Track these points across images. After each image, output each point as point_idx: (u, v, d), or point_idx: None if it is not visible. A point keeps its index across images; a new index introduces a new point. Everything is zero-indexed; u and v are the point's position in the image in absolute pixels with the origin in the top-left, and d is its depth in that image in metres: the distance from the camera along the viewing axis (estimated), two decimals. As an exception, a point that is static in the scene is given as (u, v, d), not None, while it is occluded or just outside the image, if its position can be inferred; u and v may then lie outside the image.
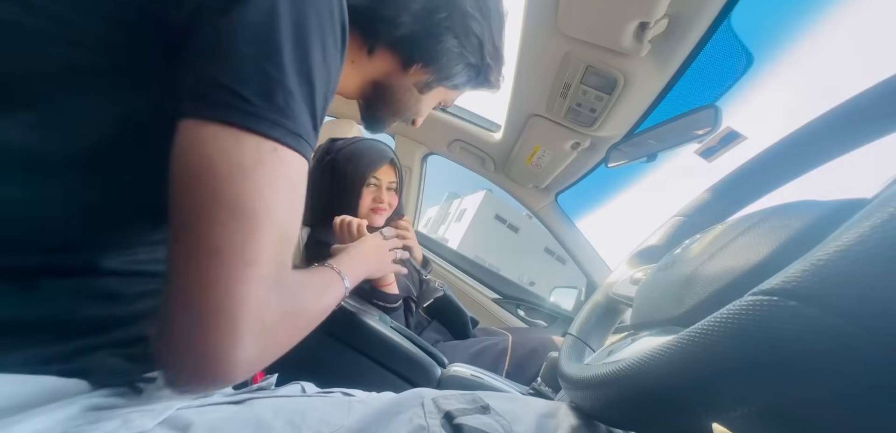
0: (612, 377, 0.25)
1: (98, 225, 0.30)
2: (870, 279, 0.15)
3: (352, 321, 0.74)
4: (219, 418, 0.31)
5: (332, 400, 0.36)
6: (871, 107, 0.32)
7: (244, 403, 0.34)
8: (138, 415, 0.29)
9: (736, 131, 0.79)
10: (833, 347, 0.15)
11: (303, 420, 0.31)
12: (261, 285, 0.26)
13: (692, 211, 0.47)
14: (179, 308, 0.26)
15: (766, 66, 22.70)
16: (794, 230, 0.25)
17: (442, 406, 0.33)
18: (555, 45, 0.82)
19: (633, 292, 0.42)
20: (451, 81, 0.50)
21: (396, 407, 0.33)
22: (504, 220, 23.25)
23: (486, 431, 0.30)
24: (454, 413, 0.32)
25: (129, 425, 0.28)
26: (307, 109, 0.29)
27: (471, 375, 0.71)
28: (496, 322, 1.60)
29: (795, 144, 0.38)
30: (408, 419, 0.31)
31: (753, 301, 0.18)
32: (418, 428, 0.30)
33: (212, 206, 0.25)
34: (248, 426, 0.30)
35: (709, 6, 0.65)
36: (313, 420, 0.31)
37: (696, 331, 0.20)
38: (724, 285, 0.26)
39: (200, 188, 0.26)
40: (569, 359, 0.43)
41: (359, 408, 0.34)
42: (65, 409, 0.27)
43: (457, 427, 0.30)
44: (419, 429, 0.30)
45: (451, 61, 0.48)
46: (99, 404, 0.29)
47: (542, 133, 1.12)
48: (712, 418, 0.24)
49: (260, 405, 0.34)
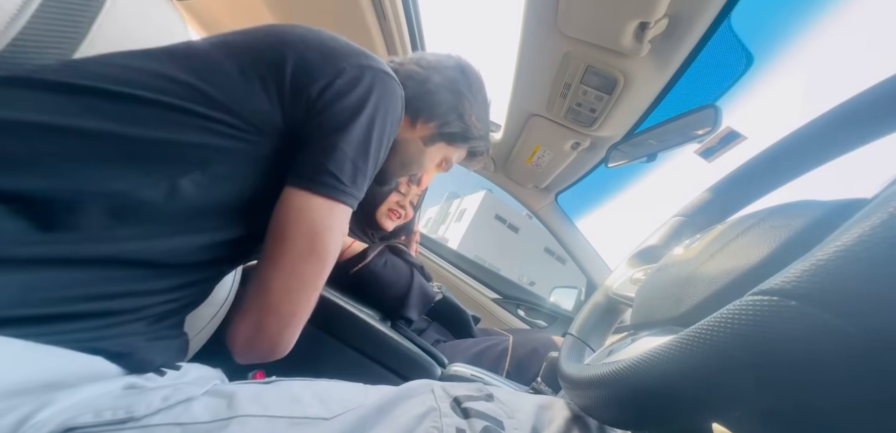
0: (611, 377, 0.25)
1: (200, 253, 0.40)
2: (870, 279, 0.15)
3: (352, 321, 0.74)
4: (256, 390, 0.34)
5: (350, 383, 0.39)
6: (870, 107, 0.32)
7: (274, 383, 0.37)
8: (186, 384, 0.34)
9: (736, 131, 0.79)
10: (833, 348, 0.15)
11: (329, 396, 0.34)
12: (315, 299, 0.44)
13: (692, 211, 0.47)
14: (266, 312, 0.41)
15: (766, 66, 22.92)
16: (795, 230, 0.25)
17: (451, 392, 0.36)
18: (555, 45, 0.82)
19: (633, 292, 0.42)
20: (448, 129, 0.63)
21: (410, 391, 0.35)
22: (504, 220, 23.24)
23: (491, 415, 0.33)
24: (462, 398, 0.35)
25: (180, 391, 0.32)
26: (368, 180, 0.45)
27: (470, 375, 0.71)
28: (496, 322, 1.60)
29: (795, 144, 0.38)
30: (420, 402, 0.34)
31: (753, 301, 0.18)
32: (430, 408, 0.33)
33: (307, 251, 0.41)
34: (284, 398, 0.33)
35: (709, 6, 0.65)
36: (337, 397, 0.34)
37: (695, 331, 0.20)
38: (723, 285, 0.26)
39: (301, 239, 0.40)
40: (568, 359, 0.43)
41: (374, 393, 0.36)
42: (108, 385, 0.32)
43: (465, 410, 0.33)
44: (431, 409, 0.33)
45: (448, 112, 0.61)
46: (135, 383, 0.33)
47: (543, 133, 1.12)
48: (712, 418, 0.24)
49: (289, 383, 0.37)
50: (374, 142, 0.44)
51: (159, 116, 0.37)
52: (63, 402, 0.28)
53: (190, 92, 0.38)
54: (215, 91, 0.39)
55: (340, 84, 0.42)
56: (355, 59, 0.44)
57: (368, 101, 0.43)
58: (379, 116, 0.44)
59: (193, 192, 0.37)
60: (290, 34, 0.44)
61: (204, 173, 0.37)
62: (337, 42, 0.46)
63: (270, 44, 0.43)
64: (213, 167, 0.38)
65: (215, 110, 0.38)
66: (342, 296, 0.77)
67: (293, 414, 0.31)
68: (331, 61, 0.43)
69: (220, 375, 0.44)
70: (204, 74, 0.39)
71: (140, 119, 0.36)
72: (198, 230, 0.39)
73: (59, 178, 0.33)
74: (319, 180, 0.40)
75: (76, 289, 0.32)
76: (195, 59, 0.41)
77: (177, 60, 0.40)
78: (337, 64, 0.43)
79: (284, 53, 0.42)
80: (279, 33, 0.44)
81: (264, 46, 0.42)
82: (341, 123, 0.41)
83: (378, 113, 0.44)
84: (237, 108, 0.39)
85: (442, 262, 1.78)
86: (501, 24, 37.41)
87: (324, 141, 0.41)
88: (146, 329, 0.37)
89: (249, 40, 0.44)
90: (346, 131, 0.41)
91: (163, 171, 0.36)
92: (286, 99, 0.41)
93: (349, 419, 0.31)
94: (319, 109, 0.41)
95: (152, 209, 0.36)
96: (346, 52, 0.45)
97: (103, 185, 0.34)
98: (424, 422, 0.31)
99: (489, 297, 1.67)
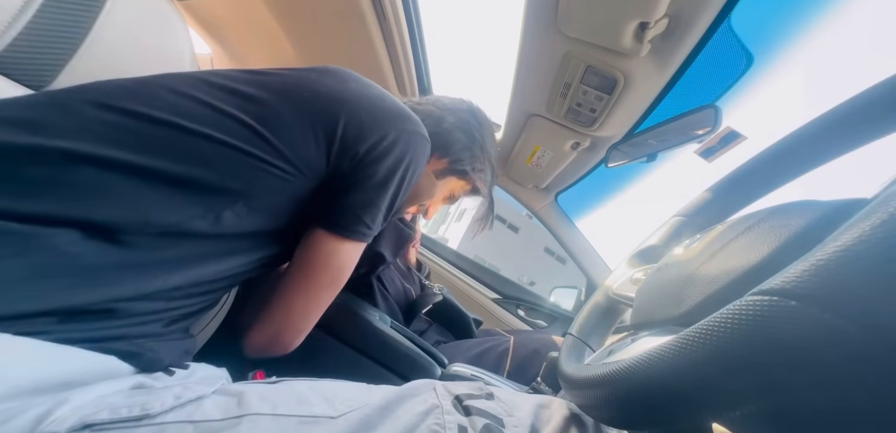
0: (611, 377, 0.25)
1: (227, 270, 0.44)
2: (870, 279, 0.15)
3: (352, 320, 0.74)
4: (264, 390, 0.35)
5: (353, 383, 0.40)
6: (870, 107, 0.32)
7: (279, 383, 0.38)
8: (194, 383, 0.34)
9: (736, 131, 0.79)
10: (833, 348, 0.15)
11: (334, 395, 0.35)
12: None
13: (692, 211, 0.47)
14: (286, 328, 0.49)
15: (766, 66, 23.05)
16: (794, 230, 0.25)
17: (452, 390, 0.37)
18: (555, 45, 0.82)
19: (633, 292, 0.42)
20: (460, 165, 0.68)
21: (412, 390, 0.36)
22: (504, 220, 23.23)
23: (492, 412, 0.33)
24: (463, 396, 0.35)
25: (189, 390, 0.32)
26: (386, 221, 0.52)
27: (470, 375, 0.71)
28: (496, 322, 1.60)
29: (795, 144, 0.38)
30: (423, 400, 0.34)
31: (753, 301, 0.18)
32: (433, 407, 0.33)
33: (329, 283, 0.50)
34: (291, 397, 0.34)
35: (709, 6, 0.65)
36: (342, 396, 0.35)
37: (695, 331, 0.20)
38: (723, 285, 0.26)
39: (327, 275, 0.49)
40: (568, 359, 0.43)
41: (378, 392, 0.36)
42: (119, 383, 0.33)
43: (466, 408, 0.34)
44: (433, 407, 0.33)
45: (461, 150, 0.67)
46: (143, 383, 0.34)
47: (542, 133, 1.12)
48: (712, 419, 0.24)
49: (295, 383, 0.38)
50: (402, 193, 0.51)
51: (226, 157, 0.40)
52: (79, 399, 0.29)
53: (253, 137, 0.42)
54: (276, 140, 0.43)
55: (384, 146, 0.48)
56: (400, 124, 0.50)
57: (403, 162, 0.49)
58: (409, 173, 0.51)
59: (233, 222, 0.41)
60: (345, 94, 0.49)
61: (247, 205, 0.42)
62: (385, 103, 0.51)
63: (328, 101, 0.47)
64: (256, 200, 0.42)
65: (273, 156, 0.43)
66: (342, 297, 0.77)
67: (301, 412, 0.32)
68: (378, 124, 0.48)
69: (225, 375, 0.45)
70: (266, 121, 0.43)
71: (209, 160, 0.40)
72: (229, 253, 0.43)
73: (128, 211, 0.35)
74: (353, 229, 0.48)
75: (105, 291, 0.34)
76: (259, 104, 0.45)
77: (244, 102, 0.44)
78: (384, 128, 0.48)
79: (339, 113, 0.46)
80: (337, 93, 0.49)
81: (323, 104, 0.47)
82: (379, 182, 0.48)
83: (409, 170, 0.50)
84: (291, 155, 0.44)
85: (442, 262, 1.78)
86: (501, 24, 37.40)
87: (361, 194, 0.47)
88: (160, 331, 0.39)
89: (310, 94, 0.47)
90: (383, 188, 0.48)
91: (215, 204, 0.40)
92: (334, 152, 0.46)
93: (354, 417, 0.32)
94: (364, 166, 0.47)
95: (197, 236, 0.39)
96: (391, 117, 0.50)
97: (163, 217, 0.37)
98: (427, 419, 0.32)
99: (489, 298, 1.67)
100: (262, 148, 0.42)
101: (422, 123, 0.54)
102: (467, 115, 0.69)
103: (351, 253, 0.50)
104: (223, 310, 0.63)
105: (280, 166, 0.43)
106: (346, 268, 0.50)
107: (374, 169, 0.47)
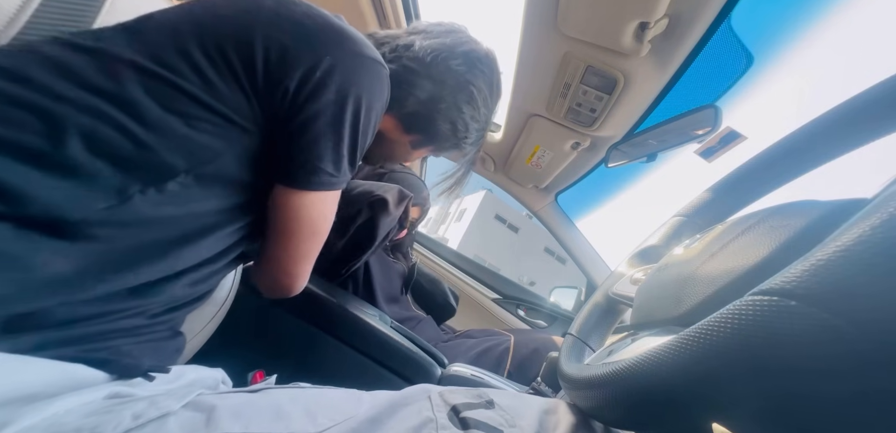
0: (611, 377, 0.25)
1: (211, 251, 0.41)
2: (870, 279, 0.15)
3: (352, 321, 0.74)
4: (240, 403, 0.32)
5: (342, 391, 0.37)
6: (870, 107, 0.32)
7: (261, 392, 0.36)
8: (163, 398, 0.31)
9: (736, 131, 0.79)
10: (833, 347, 0.15)
11: (318, 408, 0.32)
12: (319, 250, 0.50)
13: (692, 211, 0.47)
14: (280, 274, 0.48)
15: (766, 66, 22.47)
16: (794, 230, 0.25)
17: (448, 400, 0.34)
18: (555, 45, 0.82)
19: (633, 292, 0.42)
20: (438, 150, 0.64)
21: (404, 399, 0.34)
22: (504, 220, 23.23)
23: (491, 424, 0.30)
24: (460, 407, 0.33)
25: (156, 406, 0.30)
26: (357, 162, 0.46)
27: (471, 375, 0.71)
28: (496, 322, 1.60)
29: (795, 144, 0.38)
30: (416, 411, 0.32)
31: (753, 301, 0.18)
32: (426, 419, 0.31)
33: (309, 235, 0.46)
34: (267, 412, 0.31)
35: (709, 6, 0.65)
36: (327, 408, 0.33)
37: (695, 331, 0.20)
38: (723, 285, 0.26)
39: (303, 230, 0.45)
40: (568, 359, 0.43)
41: (368, 400, 0.35)
42: (88, 395, 0.30)
43: (463, 420, 0.31)
44: (427, 420, 0.30)
45: (442, 138, 0.60)
46: (119, 392, 0.31)
47: (542, 133, 1.12)
48: (712, 418, 0.24)
49: (276, 394, 0.35)
50: (361, 131, 0.43)
51: None
52: (26, 420, 0.25)
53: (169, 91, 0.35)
54: (190, 86, 0.36)
55: (318, 78, 0.39)
56: (336, 47, 0.41)
57: (349, 95, 0.41)
58: (362, 107, 0.42)
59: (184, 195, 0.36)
60: (260, 14, 0.39)
61: (192, 174, 0.36)
62: (314, 21, 0.41)
63: (238, 25, 0.38)
64: (200, 167, 0.36)
65: (197, 108, 0.36)
66: (342, 297, 0.77)
67: (275, 431, 0.29)
68: (307, 49, 0.39)
69: (222, 376, 0.44)
70: (175, 67, 0.36)
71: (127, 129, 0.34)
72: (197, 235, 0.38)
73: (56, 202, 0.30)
74: (312, 179, 0.42)
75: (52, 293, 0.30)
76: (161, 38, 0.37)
77: None
78: (315, 53, 0.39)
79: (253, 39, 0.38)
80: (246, 14, 0.39)
81: (230, 29, 0.38)
82: (328, 122, 0.40)
83: (361, 104, 0.42)
84: (215, 104, 0.36)
85: (442, 262, 1.78)
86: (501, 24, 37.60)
87: (310, 137, 0.40)
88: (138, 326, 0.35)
89: (212, 19, 0.39)
90: (332, 128, 0.41)
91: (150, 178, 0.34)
92: (260, 90, 0.38)
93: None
94: (301, 106, 0.39)
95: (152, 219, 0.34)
96: (321, 36, 0.40)
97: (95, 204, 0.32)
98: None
99: (489, 297, 1.67)
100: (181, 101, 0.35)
101: (368, 44, 0.44)
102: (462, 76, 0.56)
103: (321, 203, 0.45)
104: (223, 310, 0.63)
105: (207, 119, 0.36)
106: (323, 218, 0.46)
107: (313, 107, 0.39)
